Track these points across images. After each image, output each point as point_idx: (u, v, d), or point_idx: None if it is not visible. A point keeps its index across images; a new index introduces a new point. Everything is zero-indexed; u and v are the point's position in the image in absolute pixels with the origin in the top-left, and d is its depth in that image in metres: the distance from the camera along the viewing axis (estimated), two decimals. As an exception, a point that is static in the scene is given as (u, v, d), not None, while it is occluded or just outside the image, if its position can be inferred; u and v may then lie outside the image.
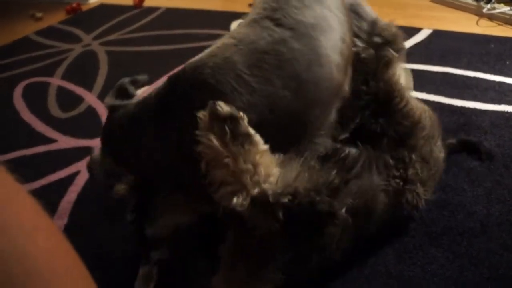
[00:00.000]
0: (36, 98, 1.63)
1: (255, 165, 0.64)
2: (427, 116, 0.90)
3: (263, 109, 0.68)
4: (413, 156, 0.84)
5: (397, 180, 0.82)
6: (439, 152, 0.91)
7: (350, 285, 0.82)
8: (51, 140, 1.36)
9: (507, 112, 1.26)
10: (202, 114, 0.63)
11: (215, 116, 0.62)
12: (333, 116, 0.78)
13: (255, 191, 0.63)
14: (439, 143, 0.92)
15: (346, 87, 0.79)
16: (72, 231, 1.00)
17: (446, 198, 0.98)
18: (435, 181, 0.91)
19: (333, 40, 0.76)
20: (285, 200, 0.64)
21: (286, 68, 0.70)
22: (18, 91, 1.69)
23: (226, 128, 0.62)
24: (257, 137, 0.65)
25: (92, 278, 0.45)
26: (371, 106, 0.86)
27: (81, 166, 1.22)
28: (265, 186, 0.64)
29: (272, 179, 0.65)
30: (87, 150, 1.29)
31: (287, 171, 0.67)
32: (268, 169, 0.65)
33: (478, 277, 0.81)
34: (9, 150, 1.32)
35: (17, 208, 0.40)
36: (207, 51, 0.75)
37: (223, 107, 0.62)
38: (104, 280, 0.48)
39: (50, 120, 1.47)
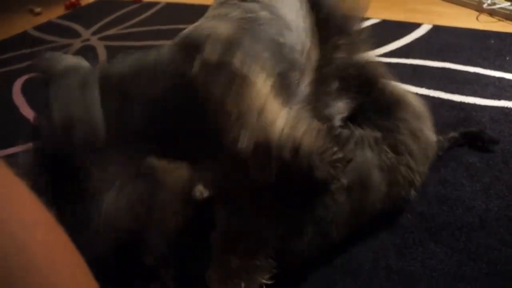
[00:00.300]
0: (35, 93, 1.63)
1: (259, 106, 0.63)
2: (413, 97, 0.93)
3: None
4: (400, 126, 0.86)
5: (389, 155, 0.84)
6: (430, 132, 0.93)
7: (351, 280, 0.82)
8: (50, 135, 1.36)
9: (506, 108, 1.26)
10: (195, 71, 0.61)
11: (207, 66, 0.61)
12: (307, 86, 0.80)
13: (260, 134, 0.62)
14: (429, 124, 0.93)
15: (313, 54, 0.82)
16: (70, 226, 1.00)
17: (445, 193, 0.99)
18: (428, 159, 0.93)
19: (294, 7, 0.80)
20: (287, 154, 0.63)
21: (261, 32, 0.73)
22: (17, 86, 1.69)
23: (220, 74, 0.61)
24: (254, 75, 0.64)
25: (90, 272, 0.45)
26: (358, 85, 0.88)
27: (81, 161, 1.22)
28: (271, 132, 0.63)
29: (279, 124, 0.64)
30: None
31: (297, 123, 0.66)
32: (274, 112, 0.64)
33: (477, 272, 0.81)
34: (8, 145, 1.32)
35: (17, 202, 0.40)
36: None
37: (211, 52, 0.61)
38: (102, 275, 0.48)
39: (49, 115, 1.47)
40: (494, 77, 1.42)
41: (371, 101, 0.87)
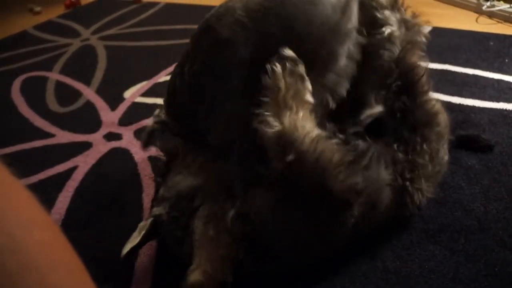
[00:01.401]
0: (34, 92, 1.63)
1: (297, 108, 0.74)
2: (443, 115, 0.91)
3: (257, 45, 0.77)
4: (423, 147, 0.85)
5: (405, 175, 0.83)
6: (445, 154, 0.92)
7: (348, 280, 0.82)
8: (49, 135, 1.36)
9: (505, 110, 1.26)
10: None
11: (280, 56, 0.75)
12: (343, 60, 0.82)
13: (287, 126, 0.71)
14: (446, 146, 0.92)
15: (347, 25, 0.83)
16: (69, 226, 1.00)
17: (444, 195, 0.99)
18: (437, 181, 0.92)
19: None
20: (306, 156, 0.70)
21: (280, 9, 0.78)
22: (16, 86, 1.69)
23: (287, 64, 0.74)
24: (308, 85, 0.76)
25: (87, 272, 0.45)
26: (397, 82, 0.86)
27: (79, 161, 1.22)
28: (297, 131, 0.71)
29: (307, 129, 0.72)
30: (85, 145, 1.29)
31: (323, 140, 0.73)
32: (305, 121, 0.73)
33: (475, 274, 0.81)
34: (6, 144, 1.32)
35: (13, 200, 0.39)
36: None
37: (287, 51, 0.75)
38: (99, 275, 0.48)
39: (48, 115, 1.47)
40: (492, 79, 1.43)
41: (408, 102, 0.85)
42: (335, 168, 0.71)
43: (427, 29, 0.99)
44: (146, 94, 1.54)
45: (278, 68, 0.74)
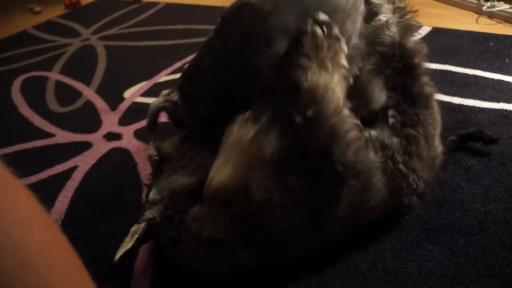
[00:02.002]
0: (34, 92, 1.63)
1: (333, 70, 0.76)
2: (436, 101, 0.94)
3: (297, 16, 0.78)
4: (420, 123, 0.87)
5: (396, 159, 0.84)
6: (439, 144, 0.93)
7: (347, 281, 0.82)
8: (49, 135, 1.36)
9: (505, 110, 1.26)
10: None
11: (315, 20, 0.76)
12: (356, 38, 0.86)
13: (319, 85, 0.73)
14: (439, 135, 0.93)
15: (361, 5, 0.86)
16: (68, 226, 1.00)
17: (444, 196, 0.99)
18: (434, 168, 0.93)
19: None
20: (324, 120, 0.72)
21: None
22: (16, 85, 1.69)
23: (324, 28, 0.75)
24: (345, 47, 0.78)
25: (87, 272, 0.45)
26: (398, 64, 0.89)
27: (79, 161, 1.22)
28: (326, 93, 0.73)
29: (337, 96, 0.74)
30: (85, 145, 1.29)
31: (345, 114, 0.75)
32: (337, 86, 0.75)
33: (475, 274, 0.81)
34: (6, 144, 1.32)
35: (13, 200, 0.39)
36: None
37: (322, 15, 0.76)
38: (99, 275, 0.48)
39: (48, 115, 1.47)
40: (493, 79, 1.43)
41: (405, 86, 0.88)
42: (346, 142, 0.73)
43: (426, 29, 0.99)
44: (146, 94, 1.54)
45: (318, 30, 0.75)
